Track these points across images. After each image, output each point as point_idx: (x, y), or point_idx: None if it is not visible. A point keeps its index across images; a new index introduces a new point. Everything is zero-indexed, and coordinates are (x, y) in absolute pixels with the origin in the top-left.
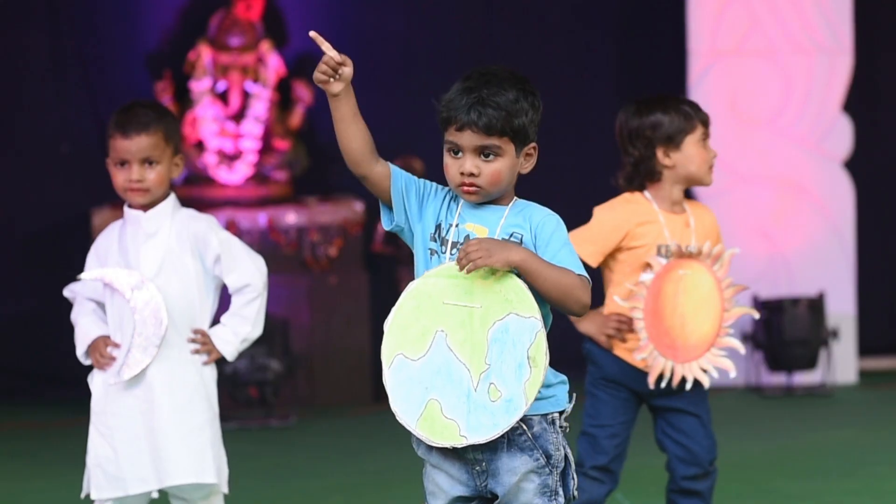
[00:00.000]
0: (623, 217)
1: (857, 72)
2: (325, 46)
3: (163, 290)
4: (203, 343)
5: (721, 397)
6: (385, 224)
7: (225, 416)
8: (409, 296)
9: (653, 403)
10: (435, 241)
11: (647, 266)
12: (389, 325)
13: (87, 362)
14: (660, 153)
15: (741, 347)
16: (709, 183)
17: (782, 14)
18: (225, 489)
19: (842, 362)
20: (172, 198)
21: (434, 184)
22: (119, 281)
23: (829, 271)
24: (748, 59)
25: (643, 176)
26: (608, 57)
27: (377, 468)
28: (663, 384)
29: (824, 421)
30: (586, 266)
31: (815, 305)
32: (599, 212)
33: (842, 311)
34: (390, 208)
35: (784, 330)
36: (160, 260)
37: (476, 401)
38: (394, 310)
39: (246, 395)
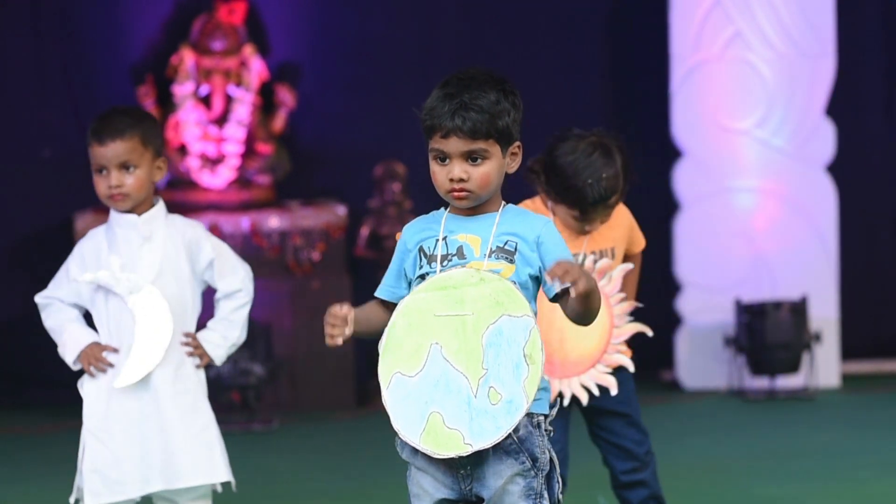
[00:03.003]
0: None
1: (840, 76)
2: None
3: (161, 293)
4: (195, 347)
5: (703, 401)
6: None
7: None
8: (400, 314)
9: (577, 406)
10: (422, 266)
11: None
12: (384, 345)
13: (77, 368)
14: (540, 188)
15: (630, 365)
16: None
17: (765, 18)
18: (232, 479)
19: (824, 366)
20: (162, 202)
21: (400, 250)
22: (118, 284)
23: (811, 275)
24: (730, 64)
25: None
26: (594, 62)
27: (360, 472)
28: None
29: (807, 425)
30: None
31: (798, 309)
32: None
33: (824, 314)
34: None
35: (766, 334)
36: (158, 264)
37: (477, 407)
38: (386, 330)
39: (228, 399)
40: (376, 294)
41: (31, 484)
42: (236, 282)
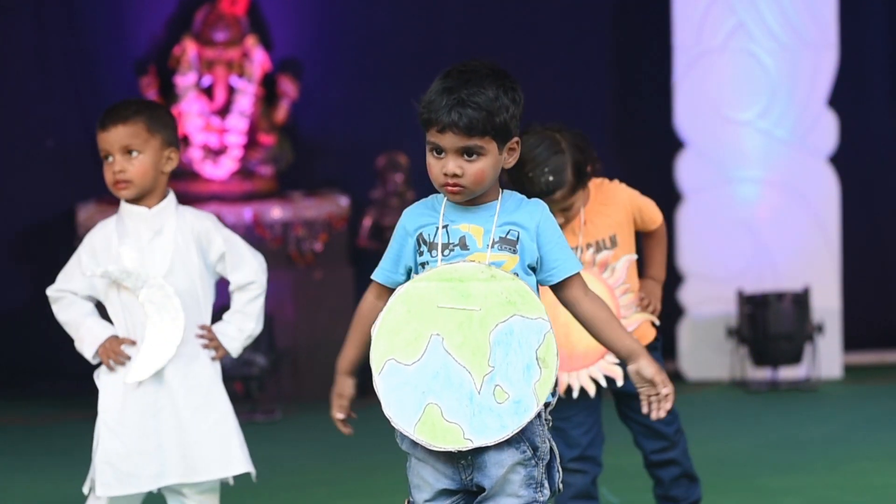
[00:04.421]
0: None
1: (842, 66)
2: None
3: (173, 288)
4: (210, 339)
5: (706, 392)
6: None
7: None
8: (399, 300)
9: (610, 388)
10: (422, 253)
11: None
12: (378, 329)
13: (96, 362)
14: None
15: (649, 336)
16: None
17: (767, 9)
18: (252, 469)
19: (827, 357)
20: (173, 195)
21: (398, 234)
22: (128, 279)
23: (814, 266)
24: (733, 54)
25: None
26: (597, 52)
27: (362, 462)
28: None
29: (809, 416)
30: None
31: (800, 300)
32: None
33: (827, 305)
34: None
35: (769, 325)
36: (170, 258)
37: (480, 403)
38: (382, 314)
39: (231, 390)
40: (373, 277)
41: (35, 474)
42: (249, 274)
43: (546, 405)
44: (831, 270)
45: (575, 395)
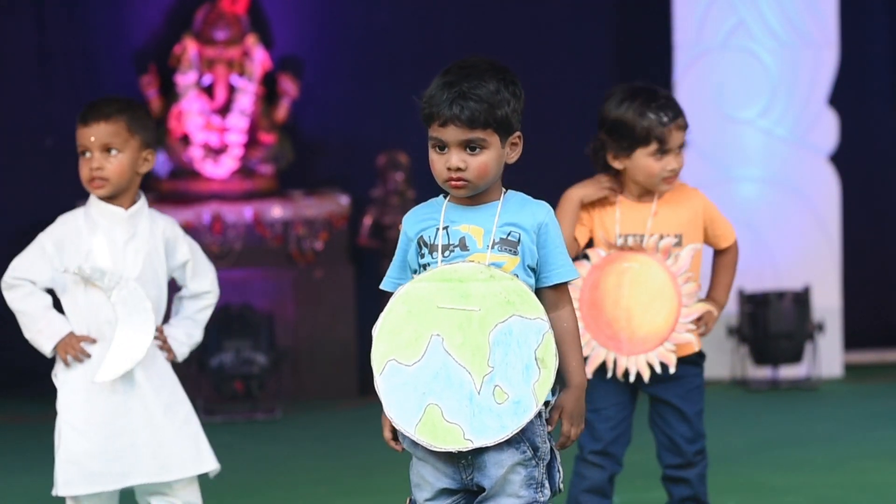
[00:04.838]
0: (580, 194)
1: (843, 65)
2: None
3: (143, 291)
4: (163, 341)
5: (706, 391)
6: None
7: (210, 410)
8: (399, 300)
9: (642, 390)
10: (423, 255)
11: (585, 258)
12: (379, 330)
13: (52, 356)
14: (610, 156)
15: (695, 345)
16: (661, 191)
17: (767, 7)
18: (218, 466)
19: (827, 356)
20: (144, 197)
21: (402, 241)
22: (102, 280)
23: (814, 265)
24: (733, 53)
25: (601, 164)
26: (599, 51)
27: (362, 461)
28: (608, 375)
29: (810, 414)
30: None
31: (801, 299)
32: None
33: (827, 304)
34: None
35: (769, 323)
36: (142, 261)
37: (480, 404)
38: (383, 315)
39: (231, 388)
40: (382, 287)
41: (35, 474)
42: (206, 284)
43: (546, 404)
44: (832, 269)
45: (632, 378)
